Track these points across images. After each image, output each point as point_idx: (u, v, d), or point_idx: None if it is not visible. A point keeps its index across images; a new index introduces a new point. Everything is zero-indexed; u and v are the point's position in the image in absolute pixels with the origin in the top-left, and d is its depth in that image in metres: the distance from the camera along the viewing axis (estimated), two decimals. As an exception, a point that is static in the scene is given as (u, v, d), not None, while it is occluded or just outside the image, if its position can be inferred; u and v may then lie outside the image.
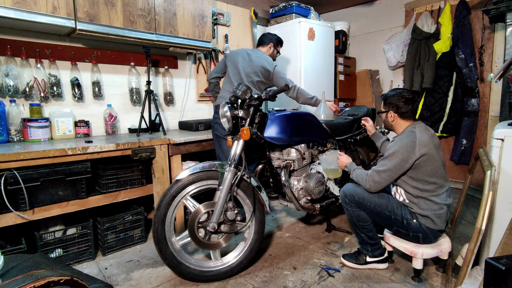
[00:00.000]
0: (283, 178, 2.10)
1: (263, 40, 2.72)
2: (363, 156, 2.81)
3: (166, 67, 2.98)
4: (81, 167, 1.96)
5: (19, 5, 1.86)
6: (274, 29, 3.72)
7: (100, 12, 2.20)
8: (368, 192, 1.81)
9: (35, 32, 2.27)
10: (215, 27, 3.39)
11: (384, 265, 1.95)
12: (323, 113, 2.55)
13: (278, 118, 2.04)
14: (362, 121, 2.41)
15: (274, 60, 2.73)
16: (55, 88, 2.35)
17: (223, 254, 1.92)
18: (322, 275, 1.90)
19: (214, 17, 3.32)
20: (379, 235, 1.96)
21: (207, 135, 2.53)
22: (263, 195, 1.95)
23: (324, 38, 3.70)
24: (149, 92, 2.55)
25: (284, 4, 3.74)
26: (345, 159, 2.02)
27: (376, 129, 2.38)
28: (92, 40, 2.49)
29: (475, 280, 1.46)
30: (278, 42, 2.75)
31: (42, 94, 2.29)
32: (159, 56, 2.95)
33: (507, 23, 2.57)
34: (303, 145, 2.20)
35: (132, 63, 2.75)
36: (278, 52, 2.80)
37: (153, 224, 1.75)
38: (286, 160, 2.16)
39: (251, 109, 1.88)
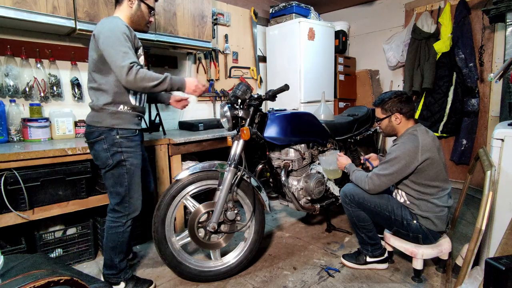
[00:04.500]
0: (283, 178, 2.10)
1: None
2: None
3: (166, 67, 2.98)
4: (81, 167, 1.96)
5: (19, 5, 1.86)
6: (274, 29, 3.72)
7: (100, 12, 2.20)
8: (368, 193, 1.81)
9: (35, 32, 2.26)
10: (215, 27, 3.39)
11: (384, 265, 1.95)
12: (323, 113, 2.55)
13: (278, 118, 2.04)
14: (366, 163, 2.12)
15: (145, 31, 1.76)
16: (55, 88, 2.35)
17: (223, 254, 1.92)
18: (322, 275, 1.90)
19: (214, 17, 3.32)
20: (379, 235, 1.95)
21: (207, 135, 2.53)
22: (263, 195, 1.95)
23: (324, 38, 3.69)
24: (149, 92, 2.55)
25: (284, 4, 3.74)
26: (344, 160, 2.01)
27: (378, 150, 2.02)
28: (92, 40, 2.49)
29: (475, 280, 1.46)
30: None
31: (42, 94, 2.29)
32: (159, 56, 2.95)
33: (507, 23, 2.57)
34: (303, 145, 2.20)
35: (132, 63, 2.75)
36: (149, 6, 1.73)
37: (153, 224, 1.75)
38: (286, 160, 2.16)
39: (251, 109, 1.88)
